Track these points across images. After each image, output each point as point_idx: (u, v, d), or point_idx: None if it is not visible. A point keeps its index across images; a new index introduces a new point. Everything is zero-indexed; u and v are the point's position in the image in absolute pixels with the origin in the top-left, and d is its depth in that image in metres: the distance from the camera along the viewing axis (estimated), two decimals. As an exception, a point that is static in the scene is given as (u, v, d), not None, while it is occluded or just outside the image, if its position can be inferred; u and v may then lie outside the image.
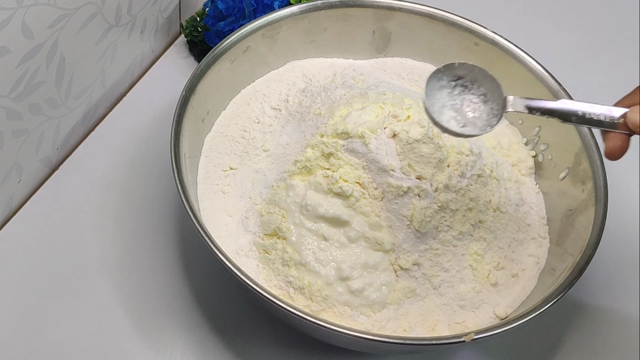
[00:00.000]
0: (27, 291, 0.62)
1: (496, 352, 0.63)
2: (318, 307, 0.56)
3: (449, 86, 0.52)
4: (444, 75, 0.51)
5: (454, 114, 0.51)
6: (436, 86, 0.51)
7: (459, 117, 0.51)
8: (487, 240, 0.60)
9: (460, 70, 0.51)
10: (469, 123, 0.51)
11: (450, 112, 0.51)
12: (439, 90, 0.51)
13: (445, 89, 0.52)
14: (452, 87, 0.52)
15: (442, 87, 0.52)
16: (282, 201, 0.59)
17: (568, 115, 0.50)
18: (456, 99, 0.52)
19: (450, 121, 0.51)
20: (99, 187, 0.69)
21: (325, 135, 0.59)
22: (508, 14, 0.92)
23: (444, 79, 0.52)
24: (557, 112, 0.50)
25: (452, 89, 0.52)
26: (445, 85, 0.52)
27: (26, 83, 0.59)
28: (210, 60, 0.64)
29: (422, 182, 0.57)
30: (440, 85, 0.51)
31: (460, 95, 0.52)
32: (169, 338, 0.61)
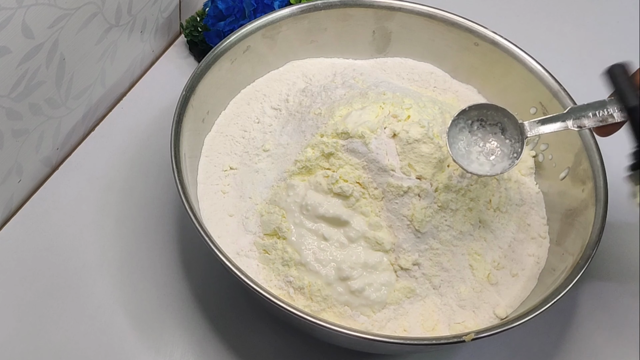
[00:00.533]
0: (27, 291, 0.62)
1: (496, 352, 0.63)
2: (318, 307, 0.56)
3: (467, 126, 0.55)
4: (459, 120, 0.55)
5: (479, 148, 0.55)
6: (456, 131, 0.55)
7: (486, 149, 0.55)
8: (487, 240, 0.60)
9: (473, 111, 0.55)
10: (496, 154, 0.55)
11: (476, 148, 0.55)
12: (460, 133, 0.55)
13: (464, 130, 0.55)
14: (470, 125, 0.55)
15: (462, 130, 0.55)
16: (282, 201, 0.59)
17: (582, 120, 0.53)
18: (477, 134, 0.55)
19: (480, 157, 0.55)
20: (99, 187, 0.69)
21: (326, 135, 0.59)
22: (508, 14, 0.92)
23: (460, 122, 0.55)
24: (572, 119, 0.53)
25: (470, 127, 0.55)
26: (463, 126, 0.55)
27: (26, 83, 0.59)
28: (210, 60, 0.64)
29: (422, 182, 0.57)
30: (459, 128, 0.55)
31: (480, 129, 0.55)
32: (169, 338, 0.61)
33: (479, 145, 0.55)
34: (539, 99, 0.67)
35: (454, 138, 0.55)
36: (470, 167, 0.54)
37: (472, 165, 0.55)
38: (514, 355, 0.63)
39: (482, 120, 0.55)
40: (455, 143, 0.54)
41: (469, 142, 0.55)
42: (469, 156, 0.54)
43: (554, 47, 0.88)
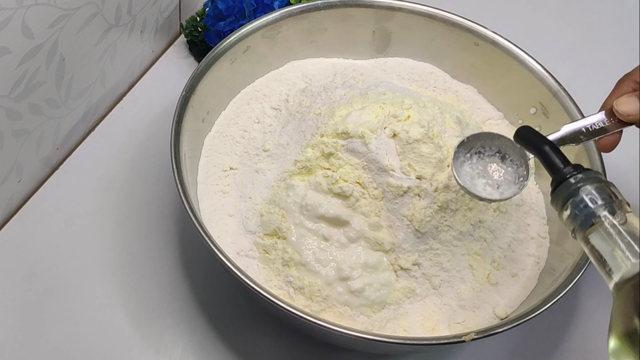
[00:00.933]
0: (27, 291, 0.62)
1: (496, 352, 0.63)
2: (318, 307, 0.56)
3: (467, 159, 0.55)
4: (459, 153, 0.54)
5: (484, 180, 0.54)
6: (458, 164, 0.54)
7: (490, 181, 0.54)
8: (487, 240, 0.60)
9: (471, 142, 0.54)
10: (501, 183, 0.54)
11: (481, 180, 0.54)
12: (462, 166, 0.54)
13: (465, 163, 0.55)
14: (470, 158, 0.55)
15: (463, 163, 0.54)
16: (282, 201, 0.59)
17: (577, 136, 0.53)
18: (478, 167, 0.55)
19: (486, 188, 0.54)
20: (99, 187, 0.69)
21: (326, 135, 0.59)
22: (508, 14, 0.92)
23: (460, 156, 0.54)
24: (567, 138, 0.53)
25: (470, 159, 0.55)
26: (464, 160, 0.54)
27: (26, 83, 0.59)
28: (210, 60, 0.64)
29: (422, 182, 0.57)
30: (460, 162, 0.54)
31: (479, 162, 0.55)
32: (169, 338, 0.61)
33: (483, 177, 0.54)
34: (539, 99, 0.67)
35: (458, 171, 0.54)
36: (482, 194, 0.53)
37: (484, 192, 0.54)
38: (514, 355, 0.63)
39: (480, 152, 0.55)
40: (461, 177, 0.54)
41: (472, 175, 0.54)
42: (475, 189, 0.54)
43: (554, 47, 0.88)
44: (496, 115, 0.70)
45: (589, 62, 0.87)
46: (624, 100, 0.52)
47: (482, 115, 0.70)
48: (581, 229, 0.42)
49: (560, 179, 0.44)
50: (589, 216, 0.42)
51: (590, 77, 0.85)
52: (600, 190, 0.43)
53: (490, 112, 0.71)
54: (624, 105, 0.51)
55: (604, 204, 0.42)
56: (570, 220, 0.43)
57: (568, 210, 0.43)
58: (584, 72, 0.85)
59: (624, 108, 0.51)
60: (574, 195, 0.43)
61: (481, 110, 0.71)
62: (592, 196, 0.43)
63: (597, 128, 0.53)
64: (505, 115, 0.70)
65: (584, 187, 0.43)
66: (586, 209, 0.43)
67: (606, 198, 0.42)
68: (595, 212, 0.42)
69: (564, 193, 0.44)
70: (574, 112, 0.64)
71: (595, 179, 0.43)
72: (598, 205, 0.42)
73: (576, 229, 0.43)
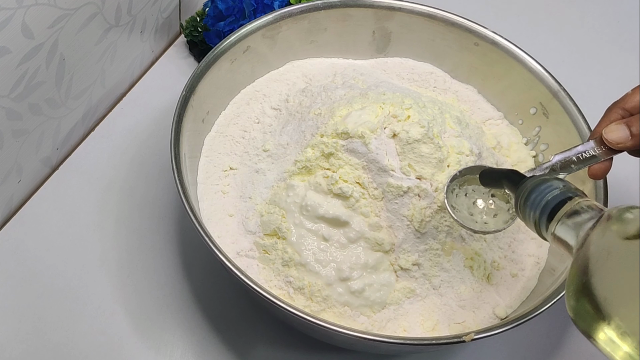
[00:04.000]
0: (27, 291, 0.62)
1: (496, 352, 0.63)
2: (318, 308, 0.56)
3: (462, 191, 0.55)
4: (454, 186, 0.55)
5: (480, 209, 0.55)
6: (453, 197, 0.54)
7: (486, 213, 0.54)
8: (487, 240, 0.60)
9: (463, 175, 0.55)
10: (498, 212, 0.54)
11: (478, 210, 0.55)
12: (457, 199, 0.55)
13: (461, 195, 0.55)
14: (464, 191, 0.55)
15: (458, 195, 0.55)
16: (282, 201, 0.59)
17: (568, 165, 0.54)
18: (473, 197, 0.55)
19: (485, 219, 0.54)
20: (99, 187, 0.69)
21: (326, 135, 0.59)
22: (508, 14, 0.92)
23: (455, 188, 0.55)
24: (558, 167, 0.54)
25: (464, 192, 0.55)
26: (458, 191, 0.55)
27: (26, 83, 0.59)
28: (210, 60, 0.64)
29: (422, 182, 0.57)
30: (455, 194, 0.55)
31: (475, 192, 0.55)
32: (169, 338, 0.61)
33: (479, 207, 0.55)
34: (539, 99, 0.67)
35: (454, 204, 0.54)
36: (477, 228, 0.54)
37: (478, 225, 0.54)
38: (514, 355, 0.63)
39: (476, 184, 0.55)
40: (458, 210, 0.54)
41: (469, 205, 0.55)
42: (474, 219, 0.54)
43: (554, 47, 0.88)
44: (496, 115, 0.71)
45: (589, 62, 0.87)
46: (612, 129, 0.52)
47: (482, 115, 0.70)
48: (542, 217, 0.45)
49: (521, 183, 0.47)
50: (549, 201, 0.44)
51: (590, 77, 0.85)
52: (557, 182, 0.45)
53: (490, 112, 0.71)
54: (612, 133, 0.52)
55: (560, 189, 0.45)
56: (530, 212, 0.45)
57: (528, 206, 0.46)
58: (584, 72, 0.85)
59: (612, 136, 0.52)
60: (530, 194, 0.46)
61: (481, 111, 0.71)
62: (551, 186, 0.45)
63: (587, 156, 0.53)
64: (505, 115, 0.70)
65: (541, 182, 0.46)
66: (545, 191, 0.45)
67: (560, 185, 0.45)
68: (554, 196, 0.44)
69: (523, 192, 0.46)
70: (574, 112, 0.64)
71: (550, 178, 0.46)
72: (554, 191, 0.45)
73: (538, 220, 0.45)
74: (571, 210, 0.43)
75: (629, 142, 0.51)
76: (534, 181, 0.46)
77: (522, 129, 0.69)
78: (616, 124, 0.52)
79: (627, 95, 0.54)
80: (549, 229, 0.44)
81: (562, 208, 0.43)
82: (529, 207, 0.46)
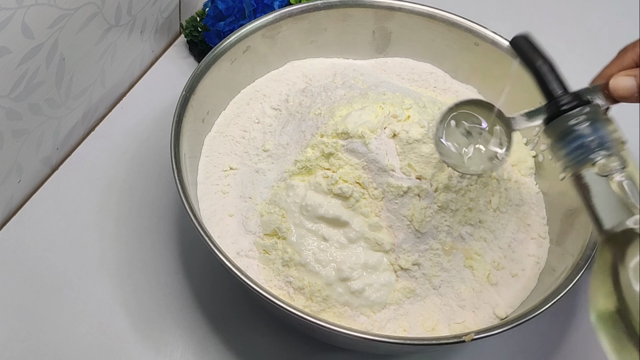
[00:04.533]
0: (27, 291, 0.62)
1: (496, 352, 0.63)
2: (318, 308, 0.56)
3: (449, 126, 0.53)
4: (440, 125, 0.53)
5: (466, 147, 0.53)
6: (442, 135, 0.53)
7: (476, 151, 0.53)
8: (487, 240, 0.60)
9: (452, 111, 0.53)
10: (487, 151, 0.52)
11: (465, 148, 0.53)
12: (448, 137, 0.53)
13: (456, 132, 0.53)
14: (454, 126, 0.53)
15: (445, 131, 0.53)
16: (282, 201, 0.59)
17: None
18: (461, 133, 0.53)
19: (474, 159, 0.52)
20: (99, 187, 0.69)
21: (326, 135, 0.59)
22: (508, 14, 0.92)
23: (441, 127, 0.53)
24: None
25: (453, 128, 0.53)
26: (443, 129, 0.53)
27: (26, 83, 0.59)
28: (210, 60, 0.64)
29: (422, 182, 0.57)
30: (443, 132, 0.53)
31: (461, 127, 0.53)
32: (169, 338, 0.61)
33: (466, 145, 0.53)
34: (539, 99, 0.67)
35: (447, 139, 0.53)
36: (470, 169, 0.53)
37: (472, 168, 0.53)
38: (514, 355, 0.63)
39: (460, 120, 0.53)
40: (446, 149, 0.52)
41: (459, 142, 0.53)
42: (463, 158, 0.53)
43: (553, 47, 0.87)
44: (496, 115, 0.70)
45: (589, 62, 0.87)
46: (621, 80, 0.47)
47: (482, 115, 0.70)
48: (574, 167, 0.40)
49: (556, 110, 0.42)
50: (583, 160, 0.40)
51: (590, 77, 0.85)
52: (597, 129, 0.41)
53: (490, 112, 0.71)
54: (620, 85, 0.46)
55: (601, 146, 0.40)
56: (564, 157, 0.41)
57: (562, 147, 0.41)
58: (584, 72, 0.85)
59: (619, 89, 0.46)
60: (569, 133, 0.41)
61: (481, 110, 0.71)
62: (589, 137, 0.41)
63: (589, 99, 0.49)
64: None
65: (580, 125, 0.41)
66: (582, 149, 0.41)
67: (604, 139, 0.40)
68: (591, 157, 0.40)
69: (559, 128, 0.42)
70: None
71: (593, 115, 0.41)
72: (594, 149, 0.40)
73: (568, 167, 0.41)
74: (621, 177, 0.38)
75: (634, 96, 0.46)
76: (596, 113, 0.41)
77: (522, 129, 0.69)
78: (625, 74, 0.47)
79: None
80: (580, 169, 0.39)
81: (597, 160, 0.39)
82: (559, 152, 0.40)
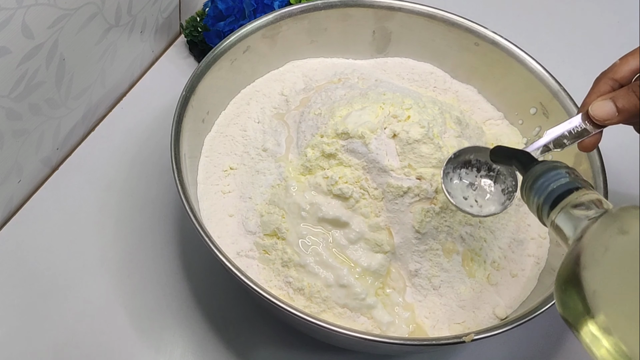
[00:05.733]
0: (27, 291, 0.62)
1: (496, 352, 0.63)
2: (318, 309, 0.56)
3: (456, 173, 0.54)
4: (448, 169, 0.54)
5: (474, 193, 0.54)
6: (447, 181, 0.54)
7: (480, 196, 0.54)
8: (487, 241, 0.60)
9: (458, 158, 0.54)
10: (491, 197, 0.54)
11: (472, 193, 0.54)
12: (452, 183, 0.54)
13: (455, 178, 0.54)
14: (459, 171, 0.54)
15: (452, 179, 0.54)
16: (282, 202, 0.59)
17: (560, 140, 0.53)
18: (468, 179, 0.54)
19: (479, 202, 0.54)
20: (99, 187, 0.69)
21: (326, 135, 0.59)
22: (508, 14, 0.92)
23: (450, 172, 0.54)
24: (551, 144, 0.53)
25: (459, 172, 0.54)
26: (452, 176, 0.54)
27: (26, 83, 0.59)
28: (210, 60, 0.64)
29: (422, 182, 0.57)
30: (449, 178, 0.54)
31: (468, 175, 0.54)
32: (169, 338, 0.61)
33: (472, 190, 0.54)
34: (539, 99, 0.67)
35: (449, 188, 0.54)
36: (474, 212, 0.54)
37: (474, 208, 0.54)
38: (514, 356, 0.63)
39: (467, 166, 0.54)
40: (453, 196, 0.53)
41: (462, 189, 0.54)
42: (469, 203, 0.54)
43: (554, 47, 0.88)
44: (496, 115, 0.71)
45: (589, 62, 0.87)
46: (598, 106, 0.50)
47: (482, 115, 0.70)
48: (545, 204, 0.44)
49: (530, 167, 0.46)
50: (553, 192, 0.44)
51: (590, 77, 0.85)
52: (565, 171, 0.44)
53: (490, 112, 0.71)
54: (598, 110, 0.50)
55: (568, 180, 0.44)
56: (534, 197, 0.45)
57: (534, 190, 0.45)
58: (584, 72, 0.85)
59: (598, 113, 0.50)
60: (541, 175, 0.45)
61: (481, 111, 0.71)
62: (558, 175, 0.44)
63: (579, 130, 0.52)
64: (505, 115, 0.70)
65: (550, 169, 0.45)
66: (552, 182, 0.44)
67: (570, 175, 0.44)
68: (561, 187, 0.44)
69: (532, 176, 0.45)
70: (574, 112, 0.64)
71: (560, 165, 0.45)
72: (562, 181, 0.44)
73: (541, 205, 0.44)
74: (575, 202, 0.42)
75: (615, 118, 0.50)
76: (544, 166, 0.45)
77: (522, 129, 0.69)
78: (602, 100, 0.50)
79: (615, 65, 0.52)
80: (550, 216, 0.43)
81: (566, 197, 0.43)
82: (534, 191, 0.45)
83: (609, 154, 0.62)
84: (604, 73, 0.52)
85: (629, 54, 0.52)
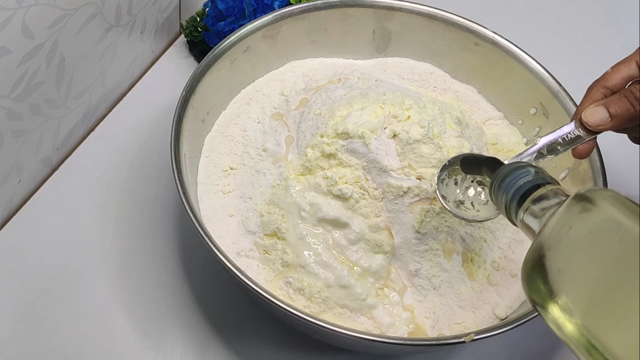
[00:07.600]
0: (27, 291, 0.62)
1: (496, 352, 0.63)
2: (318, 309, 0.56)
3: (450, 181, 0.55)
4: (443, 176, 0.54)
5: (470, 198, 0.54)
6: (443, 187, 0.54)
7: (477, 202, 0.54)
8: (487, 241, 0.60)
9: (453, 165, 0.54)
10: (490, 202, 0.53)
11: (468, 199, 0.54)
12: (447, 188, 0.54)
13: (450, 184, 0.55)
14: (454, 180, 0.55)
15: (448, 185, 0.54)
16: (282, 202, 0.59)
17: (554, 147, 0.53)
18: (464, 184, 0.55)
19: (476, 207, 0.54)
20: (99, 187, 0.69)
21: (326, 135, 0.59)
22: (508, 14, 0.92)
23: (444, 178, 0.54)
24: (545, 150, 0.53)
25: (454, 181, 0.55)
26: (448, 182, 0.55)
27: (26, 83, 0.59)
28: (210, 60, 0.64)
29: (422, 182, 0.57)
30: (445, 184, 0.54)
31: (464, 181, 0.55)
32: (169, 338, 0.61)
33: (469, 195, 0.54)
34: (539, 99, 0.67)
35: (445, 194, 0.54)
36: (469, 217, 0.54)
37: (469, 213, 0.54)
38: (514, 356, 0.63)
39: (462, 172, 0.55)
40: (448, 200, 0.54)
41: (457, 194, 0.54)
42: (465, 207, 0.54)
43: (554, 47, 0.88)
44: (496, 115, 0.71)
45: (589, 62, 0.87)
46: (591, 112, 0.51)
47: (482, 115, 0.70)
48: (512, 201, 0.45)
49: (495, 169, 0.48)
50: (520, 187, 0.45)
51: (590, 77, 0.85)
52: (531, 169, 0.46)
53: (490, 113, 0.71)
54: (591, 116, 0.51)
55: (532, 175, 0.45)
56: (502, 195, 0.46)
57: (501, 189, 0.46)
58: (584, 72, 0.85)
59: (591, 119, 0.51)
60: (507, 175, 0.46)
61: (481, 111, 0.71)
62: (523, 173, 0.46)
63: (572, 137, 0.53)
64: (505, 116, 0.70)
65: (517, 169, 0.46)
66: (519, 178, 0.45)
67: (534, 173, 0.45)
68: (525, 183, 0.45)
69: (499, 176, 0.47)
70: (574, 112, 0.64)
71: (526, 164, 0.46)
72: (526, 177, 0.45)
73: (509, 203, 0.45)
74: (539, 196, 0.43)
75: (608, 124, 0.51)
76: (510, 167, 0.46)
77: (522, 129, 0.69)
78: (595, 106, 0.51)
79: (607, 73, 0.53)
80: (518, 213, 0.44)
81: (533, 193, 0.44)
82: (501, 190, 0.46)
83: (609, 154, 0.62)
84: (596, 81, 0.53)
85: (620, 62, 0.53)
